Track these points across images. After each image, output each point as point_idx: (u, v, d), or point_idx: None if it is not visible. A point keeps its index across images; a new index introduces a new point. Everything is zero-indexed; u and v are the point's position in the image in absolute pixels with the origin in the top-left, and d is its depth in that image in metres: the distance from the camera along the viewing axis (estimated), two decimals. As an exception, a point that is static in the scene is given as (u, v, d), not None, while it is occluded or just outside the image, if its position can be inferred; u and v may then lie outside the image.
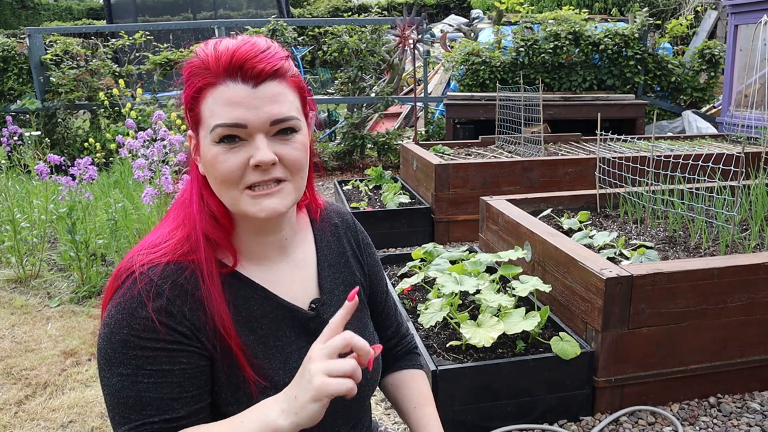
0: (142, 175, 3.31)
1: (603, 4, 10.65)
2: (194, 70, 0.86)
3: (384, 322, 1.19)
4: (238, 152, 0.85)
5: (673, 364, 2.13)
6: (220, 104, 0.84)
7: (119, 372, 0.83)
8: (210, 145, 0.86)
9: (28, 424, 2.25)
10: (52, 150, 6.01)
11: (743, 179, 3.08)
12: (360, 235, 1.15)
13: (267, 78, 0.84)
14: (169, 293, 0.85)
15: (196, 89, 0.86)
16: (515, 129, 4.93)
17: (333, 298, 1.03)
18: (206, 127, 0.86)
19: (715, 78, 6.62)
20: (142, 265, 0.86)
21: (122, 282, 0.86)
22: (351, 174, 6.27)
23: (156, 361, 0.83)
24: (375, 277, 1.15)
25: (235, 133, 0.84)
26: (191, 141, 0.92)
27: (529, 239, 2.58)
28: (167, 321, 0.84)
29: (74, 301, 3.33)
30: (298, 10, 14.15)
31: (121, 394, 0.83)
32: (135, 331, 0.83)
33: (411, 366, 1.21)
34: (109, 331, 0.84)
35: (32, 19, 17.05)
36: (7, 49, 6.64)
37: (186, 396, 0.85)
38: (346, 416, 1.00)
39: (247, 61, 0.83)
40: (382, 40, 6.42)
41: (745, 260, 2.13)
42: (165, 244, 0.90)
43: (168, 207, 3.38)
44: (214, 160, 0.85)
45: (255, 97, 0.84)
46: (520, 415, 2.07)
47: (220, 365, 0.88)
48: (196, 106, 0.87)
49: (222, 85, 0.84)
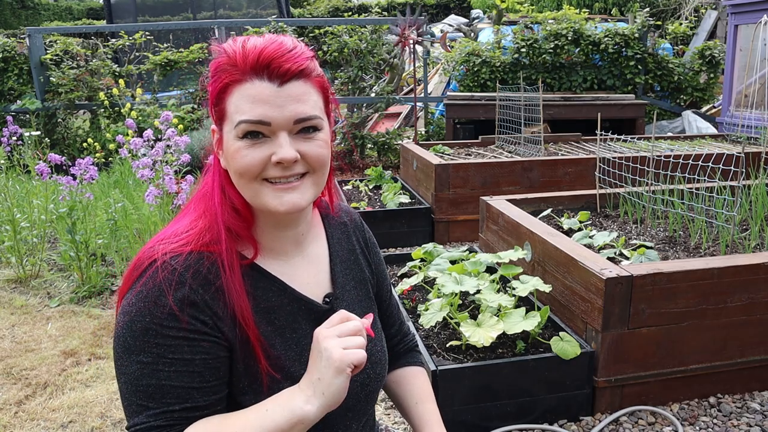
0: (146, 174, 3.32)
1: (603, 4, 10.64)
2: (222, 67, 0.88)
3: (388, 320, 1.21)
4: (260, 148, 0.87)
5: (673, 364, 2.13)
6: (246, 101, 0.86)
7: (139, 360, 0.84)
8: (233, 139, 0.88)
9: (28, 424, 2.25)
10: (51, 150, 6.01)
11: (743, 179, 3.08)
12: (367, 234, 1.18)
13: (292, 77, 0.86)
14: (191, 282, 0.86)
15: (222, 85, 0.88)
16: (515, 129, 4.93)
17: (345, 293, 1.05)
18: (230, 122, 0.88)
19: (715, 78, 6.62)
20: (164, 254, 0.88)
21: (143, 270, 0.87)
22: (351, 174, 6.27)
23: (177, 350, 0.84)
24: (380, 276, 1.18)
25: (258, 130, 0.86)
26: (214, 135, 0.94)
27: (529, 239, 2.58)
28: (189, 310, 0.85)
29: (74, 301, 3.33)
30: (298, 10, 14.14)
31: (140, 381, 0.84)
32: (157, 319, 0.84)
33: (412, 363, 1.23)
34: (130, 318, 0.85)
35: (32, 19, 17.05)
36: (7, 49, 6.64)
37: (206, 386, 0.86)
38: (357, 410, 1.01)
39: (274, 60, 0.85)
40: (382, 40, 6.42)
41: (745, 260, 2.13)
42: (186, 233, 0.91)
43: (169, 207, 3.40)
44: (236, 153, 0.87)
45: (280, 95, 0.86)
46: (520, 415, 2.07)
47: (239, 355, 0.90)
48: (221, 101, 0.89)
49: (248, 82, 0.86)
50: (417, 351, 1.27)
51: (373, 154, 6.74)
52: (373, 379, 1.04)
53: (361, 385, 1.01)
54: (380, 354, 1.07)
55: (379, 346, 1.07)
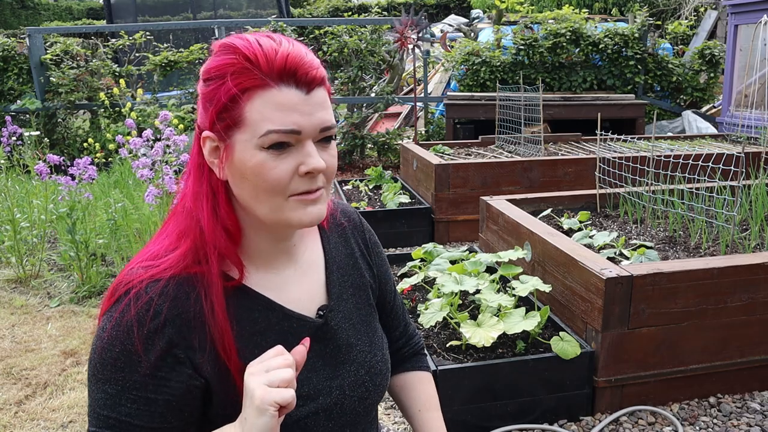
0: (146, 174, 3.32)
1: (603, 4, 10.64)
2: (239, 69, 0.80)
3: (392, 322, 1.17)
4: (287, 159, 0.82)
5: (673, 364, 2.13)
6: (273, 108, 0.80)
7: (104, 389, 0.81)
8: (254, 150, 0.81)
9: (28, 424, 2.25)
10: (51, 150, 6.01)
11: (743, 179, 3.08)
12: (367, 234, 1.11)
13: (318, 84, 0.83)
14: (167, 314, 0.82)
15: (240, 89, 0.80)
16: (515, 129, 4.93)
17: (341, 303, 1.00)
18: (252, 131, 0.81)
19: (715, 78, 6.62)
20: (141, 281, 0.83)
21: (120, 296, 0.83)
22: (351, 174, 6.26)
23: (142, 388, 0.81)
24: (383, 277, 1.12)
25: (288, 140, 0.81)
26: (206, 143, 0.85)
27: (529, 239, 2.58)
28: (161, 345, 0.81)
29: (74, 301, 3.33)
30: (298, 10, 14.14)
31: (102, 411, 0.81)
32: (127, 352, 0.80)
33: (418, 368, 1.19)
34: (102, 346, 0.82)
35: (32, 19, 17.05)
36: (7, 49, 6.64)
37: (167, 427, 0.82)
38: (355, 424, 0.97)
39: (301, 66, 0.81)
40: (382, 40, 6.42)
41: (745, 260, 2.13)
42: (167, 256, 0.86)
43: (169, 207, 3.40)
44: (261, 167, 0.81)
45: (308, 103, 0.82)
46: (520, 415, 2.07)
47: (220, 387, 0.86)
48: (236, 106, 0.81)
49: (275, 89, 0.80)
50: (423, 354, 1.23)
51: (373, 154, 6.74)
52: (372, 392, 0.99)
53: (359, 400, 0.97)
54: (381, 364, 1.01)
55: (380, 356, 1.02)
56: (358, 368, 0.97)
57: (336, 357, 0.96)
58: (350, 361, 0.97)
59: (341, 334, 0.97)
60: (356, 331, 1.00)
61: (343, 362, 0.96)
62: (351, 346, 0.98)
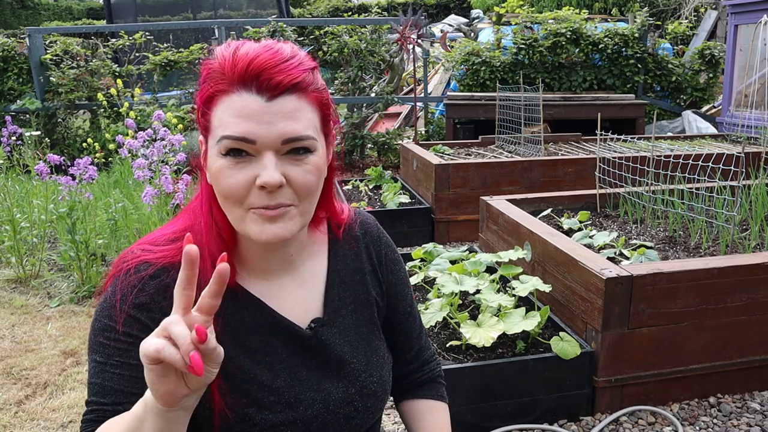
0: (142, 175, 3.32)
1: (603, 4, 10.64)
2: (210, 74, 0.81)
3: (404, 344, 1.09)
4: (244, 169, 0.79)
5: (673, 364, 2.13)
6: (230, 114, 0.78)
7: (93, 358, 0.85)
8: (216, 155, 0.80)
9: (28, 424, 2.25)
10: (51, 150, 6.00)
11: (743, 179, 3.08)
12: (384, 249, 1.05)
13: (284, 91, 0.78)
14: (153, 292, 0.84)
15: (208, 94, 0.81)
16: (515, 129, 4.93)
17: (338, 318, 0.96)
18: (214, 136, 0.81)
19: (715, 78, 6.62)
20: (137, 260, 0.86)
21: (115, 272, 0.87)
22: (351, 174, 6.26)
23: (125, 354, 0.83)
24: (396, 296, 1.06)
25: (242, 148, 0.78)
26: (202, 146, 0.87)
27: (529, 239, 2.58)
28: (144, 317, 0.83)
29: (74, 301, 3.33)
30: (298, 10, 14.14)
31: (93, 379, 0.84)
32: (113, 321, 0.83)
33: (431, 396, 1.11)
34: (95, 317, 0.86)
35: (32, 19, 17.05)
36: (7, 49, 6.63)
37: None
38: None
39: (265, 70, 0.77)
40: (383, 40, 6.42)
41: (745, 260, 2.13)
42: (165, 246, 0.88)
43: (167, 207, 3.40)
44: (219, 173, 0.80)
45: (268, 111, 0.78)
46: (520, 415, 2.07)
47: None
48: (207, 111, 0.82)
49: (234, 94, 0.78)
50: (439, 382, 1.14)
51: (373, 154, 6.74)
52: (362, 412, 0.94)
53: (345, 418, 0.92)
54: (376, 385, 0.96)
55: (376, 377, 0.96)
56: (348, 386, 0.94)
57: (323, 371, 0.93)
58: (340, 377, 0.94)
59: (334, 349, 0.94)
60: (352, 348, 0.96)
61: (331, 377, 0.93)
62: (344, 363, 0.94)
